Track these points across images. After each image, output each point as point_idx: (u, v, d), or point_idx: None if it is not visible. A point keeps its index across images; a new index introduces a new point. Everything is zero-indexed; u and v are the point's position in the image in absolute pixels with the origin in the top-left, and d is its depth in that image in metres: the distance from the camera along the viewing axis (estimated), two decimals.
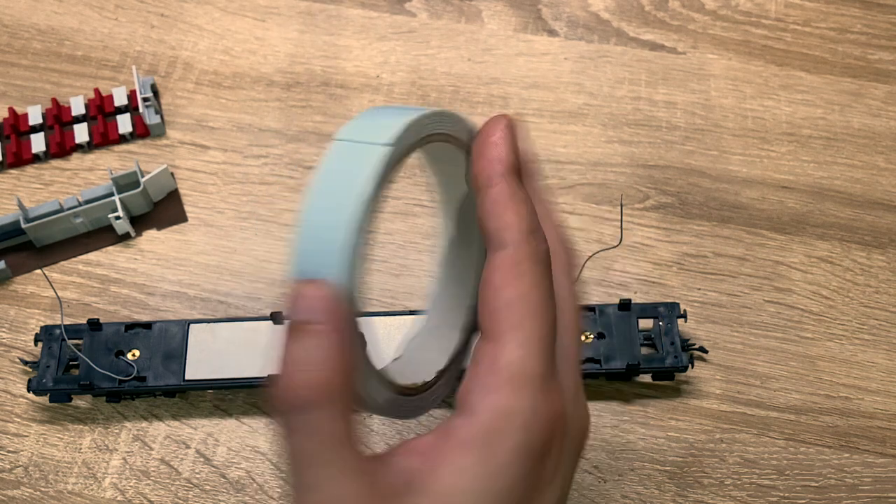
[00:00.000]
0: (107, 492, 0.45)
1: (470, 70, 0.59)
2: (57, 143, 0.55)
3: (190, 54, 0.60)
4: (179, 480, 0.45)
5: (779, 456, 0.46)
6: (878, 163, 0.56)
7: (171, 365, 0.46)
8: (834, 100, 0.59)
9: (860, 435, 0.47)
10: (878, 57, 0.61)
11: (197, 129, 0.57)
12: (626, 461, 0.46)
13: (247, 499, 0.45)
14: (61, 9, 0.62)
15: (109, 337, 0.47)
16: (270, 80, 0.59)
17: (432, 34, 0.61)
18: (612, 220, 0.53)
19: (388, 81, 0.59)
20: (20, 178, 0.55)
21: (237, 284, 0.51)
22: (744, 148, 0.57)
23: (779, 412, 0.47)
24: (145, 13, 0.62)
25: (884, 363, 0.49)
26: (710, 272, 0.52)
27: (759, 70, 0.60)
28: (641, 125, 0.57)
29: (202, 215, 0.53)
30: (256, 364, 0.46)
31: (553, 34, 0.61)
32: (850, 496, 0.45)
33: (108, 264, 0.52)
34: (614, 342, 0.46)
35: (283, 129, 0.57)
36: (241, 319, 0.47)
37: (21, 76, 0.59)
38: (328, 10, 0.62)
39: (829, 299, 0.51)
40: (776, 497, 0.45)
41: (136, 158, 0.54)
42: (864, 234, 0.53)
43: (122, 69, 0.59)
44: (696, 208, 0.54)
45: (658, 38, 0.61)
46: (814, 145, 0.57)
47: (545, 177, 0.55)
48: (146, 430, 0.46)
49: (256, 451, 0.46)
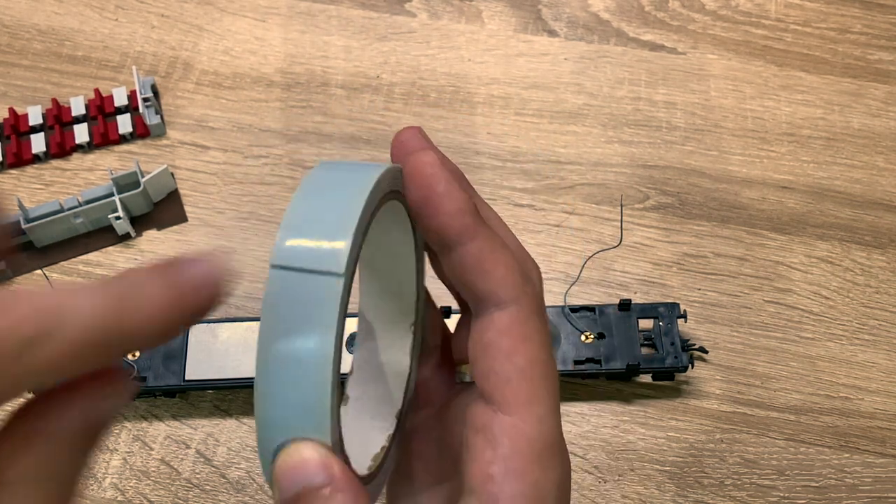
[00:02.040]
0: (107, 492, 0.45)
1: (470, 70, 0.59)
2: (57, 144, 0.55)
3: (190, 54, 0.60)
4: (179, 481, 0.45)
5: (779, 456, 0.46)
6: (878, 163, 0.56)
7: (172, 365, 0.46)
8: (834, 100, 0.59)
9: (860, 435, 0.47)
10: (878, 57, 0.61)
11: (197, 129, 0.57)
12: (626, 461, 0.46)
13: (247, 499, 0.45)
14: (61, 9, 0.62)
15: None
16: (270, 81, 0.59)
17: (432, 34, 0.61)
18: (612, 220, 0.53)
19: (388, 81, 0.59)
20: (20, 179, 0.55)
21: (237, 284, 0.51)
22: (744, 148, 0.57)
23: (779, 412, 0.47)
24: (145, 13, 0.62)
25: (884, 363, 0.49)
26: (710, 272, 0.52)
27: (759, 70, 0.60)
28: (641, 125, 0.57)
29: (202, 215, 0.53)
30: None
31: (553, 34, 0.61)
32: (850, 496, 0.45)
33: (108, 264, 0.52)
34: (614, 342, 0.46)
35: (283, 129, 0.57)
36: (241, 319, 0.47)
37: (21, 76, 0.59)
38: (328, 10, 0.62)
39: (830, 299, 0.51)
40: (776, 497, 0.45)
41: (137, 159, 0.54)
42: (864, 235, 0.53)
43: (123, 69, 0.59)
44: (696, 208, 0.54)
45: (658, 39, 0.61)
46: (814, 145, 0.57)
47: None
48: (146, 430, 0.46)
49: (256, 451, 0.46)
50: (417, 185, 0.24)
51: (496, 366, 0.23)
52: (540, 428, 0.23)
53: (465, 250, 0.23)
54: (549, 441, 0.23)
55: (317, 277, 0.20)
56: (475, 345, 0.24)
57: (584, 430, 0.46)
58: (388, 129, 0.57)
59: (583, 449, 0.46)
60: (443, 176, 0.23)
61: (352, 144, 0.56)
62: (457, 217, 0.23)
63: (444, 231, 0.23)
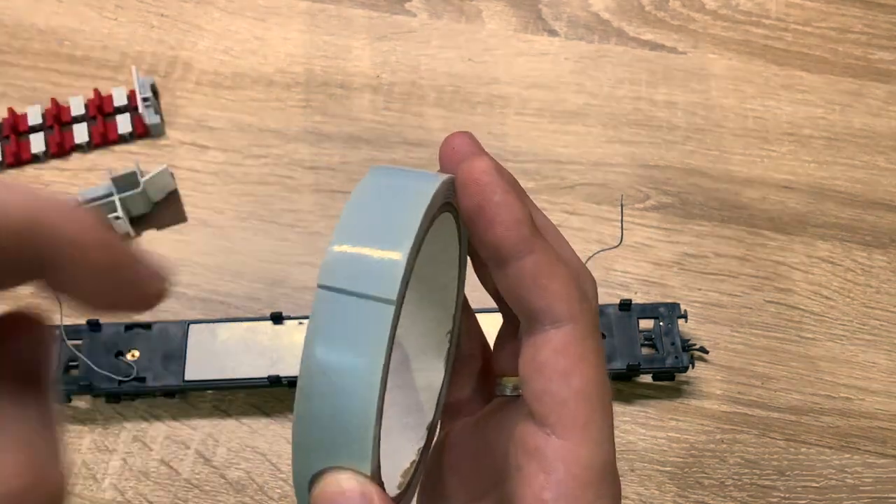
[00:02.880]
0: (106, 492, 0.45)
1: (470, 70, 0.59)
2: (56, 144, 0.55)
3: (190, 54, 0.60)
4: (179, 481, 0.45)
5: (779, 456, 0.46)
6: (878, 163, 0.56)
7: (171, 365, 0.46)
8: (835, 100, 0.59)
9: (861, 435, 0.47)
10: (879, 57, 0.61)
11: (197, 129, 0.57)
12: (627, 461, 0.46)
13: (247, 499, 0.45)
14: (61, 9, 0.61)
15: (109, 337, 0.47)
16: (270, 80, 0.59)
17: (432, 34, 0.61)
18: (613, 220, 0.53)
19: (388, 81, 0.59)
20: (20, 179, 0.55)
21: (237, 284, 0.51)
22: (744, 148, 0.56)
23: (779, 413, 0.47)
24: (145, 13, 0.61)
25: (884, 363, 0.49)
26: (711, 272, 0.52)
27: (760, 70, 0.60)
28: (642, 125, 0.57)
29: (202, 215, 0.53)
30: (256, 364, 0.46)
31: (553, 34, 0.61)
32: (850, 497, 0.45)
33: None
34: (615, 342, 0.46)
35: (283, 129, 0.57)
36: (241, 319, 0.47)
37: (21, 76, 0.58)
38: (328, 10, 0.62)
39: (830, 299, 0.51)
40: (777, 498, 0.45)
41: (136, 158, 0.54)
42: (864, 234, 0.53)
43: (122, 69, 0.59)
44: (696, 208, 0.54)
45: (658, 38, 0.61)
46: (814, 145, 0.57)
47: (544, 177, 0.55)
48: (146, 430, 0.46)
49: (256, 451, 0.46)
50: (472, 194, 0.22)
51: (552, 387, 0.22)
52: (596, 453, 0.22)
53: (521, 264, 0.22)
54: (604, 467, 0.22)
55: (368, 303, 0.20)
56: (528, 363, 0.23)
57: None
58: (389, 129, 0.57)
59: None
60: (499, 184, 0.22)
61: (352, 144, 0.56)
62: (513, 229, 0.22)
63: (499, 243, 0.22)
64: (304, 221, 0.53)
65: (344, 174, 0.55)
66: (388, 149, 0.56)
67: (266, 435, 0.46)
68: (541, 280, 0.22)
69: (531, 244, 0.22)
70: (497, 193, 0.22)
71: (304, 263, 0.52)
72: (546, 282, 0.22)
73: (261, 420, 0.47)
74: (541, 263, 0.22)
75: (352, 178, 0.55)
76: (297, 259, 0.52)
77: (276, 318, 0.47)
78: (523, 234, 0.22)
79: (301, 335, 0.46)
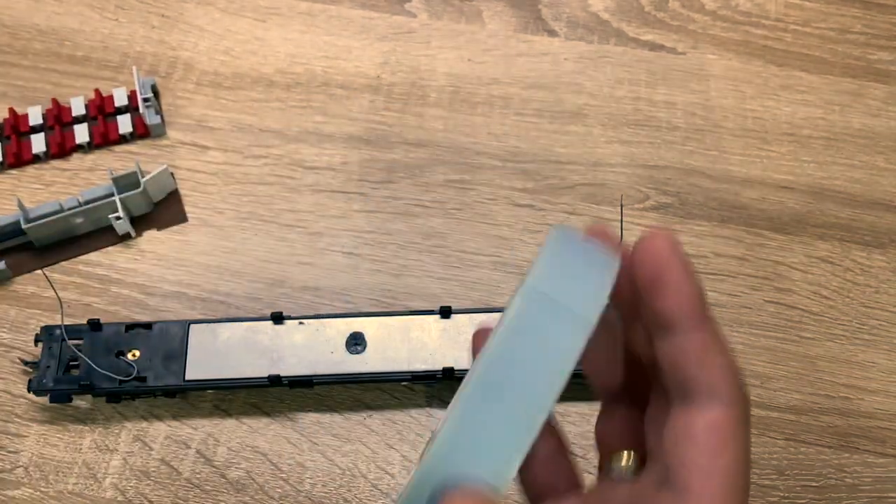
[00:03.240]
0: (107, 492, 0.45)
1: (470, 70, 0.59)
2: (57, 144, 0.55)
3: (190, 55, 0.60)
4: (180, 481, 0.45)
5: (779, 456, 0.46)
6: (877, 163, 0.56)
7: (172, 365, 0.46)
8: (834, 100, 0.59)
9: (860, 435, 0.47)
10: (878, 57, 0.61)
11: (197, 129, 0.57)
12: None
13: (247, 499, 0.45)
14: (62, 9, 0.62)
15: (110, 337, 0.47)
16: (270, 81, 0.59)
17: (432, 34, 0.61)
18: (613, 220, 0.53)
19: (388, 81, 0.59)
20: (20, 179, 0.55)
21: (237, 284, 0.51)
22: (744, 148, 0.57)
23: (779, 412, 0.47)
24: (146, 13, 0.62)
25: (884, 363, 0.49)
26: (710, 272, 0.52)
27: (759, 70, 0.60)
28: (641, 125, 0.57)
29: (202, 215, 0.53)
30: (257, 364, 0.46)
31: (553, 34, 0.61)
32: (850, 496, 0.45)
33: (108, 265, 0.52)
34: None
35: (283, 129, 0.57)
36: (241, 319, 0.47)
37: (21, 76, 0.59)
38: (328, 10, 0.62)
39: (829, 299, 0.51)
40: (776, 497, 0.45)
41: (137, 159, 0.54)
42: (864, 234, 0.53)
43: (123, 69, 0.59)
44: (695, 208, 0.54)
45: (658, 39, 0.61)
46: (814, 145, 0.57)
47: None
48: (146, 430, 0.47)
49: (256, 451, 0.46)
50: (652, 262, 0.24)
51: (702, 460, 0.23)
52: None
53: (690, 336, 0.23)
54: None
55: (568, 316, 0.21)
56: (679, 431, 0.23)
57: (583, 430, 0.46)
58: (389, 129, 0.57)
59: (582, 449, 0.46)
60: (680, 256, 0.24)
61: (352, 144, 0.56)
62: (689, 301, 0.23)
63: (674, 312, 0.23)
64: (304, 221, 0.53)
65: (344, 174, 0.55)
66: (388, 149, 0.56)
67: (267, 435, 0.47)
68: (709, 357, 0.23)
69: (703, 320, 0.23)
70: (677, 264, 0.24)
71: (305, 263, 0.52)
72: (714, 359, 0.23)
73: (261, 420, 0.47)
74: (709, 341, 0.23)
75: (351, 177, 0.55)
76: (297, 259, 0.52)
77: (276, 318, 0.47)
78: (697, 309, 0.23)
79: (301, 335, 0.47)
